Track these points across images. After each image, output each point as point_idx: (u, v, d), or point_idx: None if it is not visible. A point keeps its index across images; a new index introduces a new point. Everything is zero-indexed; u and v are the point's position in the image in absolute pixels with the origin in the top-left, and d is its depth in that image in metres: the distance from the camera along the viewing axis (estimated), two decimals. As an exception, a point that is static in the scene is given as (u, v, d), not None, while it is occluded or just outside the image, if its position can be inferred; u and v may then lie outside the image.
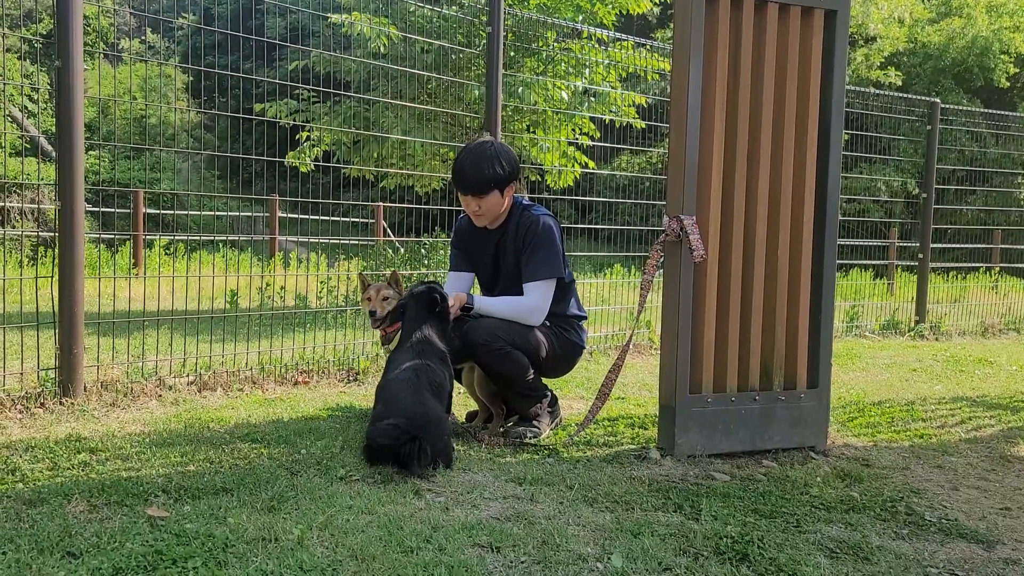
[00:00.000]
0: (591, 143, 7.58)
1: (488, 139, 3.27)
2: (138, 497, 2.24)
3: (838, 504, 2.54)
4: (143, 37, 25.39)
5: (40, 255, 8.64)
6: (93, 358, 3.67)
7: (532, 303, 3.15)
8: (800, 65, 3.13)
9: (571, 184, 7.84)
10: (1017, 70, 21.80)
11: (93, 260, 7.73)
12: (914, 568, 2.06)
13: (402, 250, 6.50)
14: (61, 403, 3.31)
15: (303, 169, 7.26)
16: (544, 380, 3.32)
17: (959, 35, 21.41)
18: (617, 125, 7.37)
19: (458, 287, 3.36)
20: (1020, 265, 9.67)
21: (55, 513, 2.10)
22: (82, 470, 2.50)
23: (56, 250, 3.40)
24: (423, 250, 6.22)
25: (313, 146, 8.38)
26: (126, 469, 2.52)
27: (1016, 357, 6.19)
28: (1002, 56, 21.17)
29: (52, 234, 3.44)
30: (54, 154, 3.42)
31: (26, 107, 16.05)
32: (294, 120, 8.53)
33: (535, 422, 3.22)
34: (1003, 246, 10.05)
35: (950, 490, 2.79)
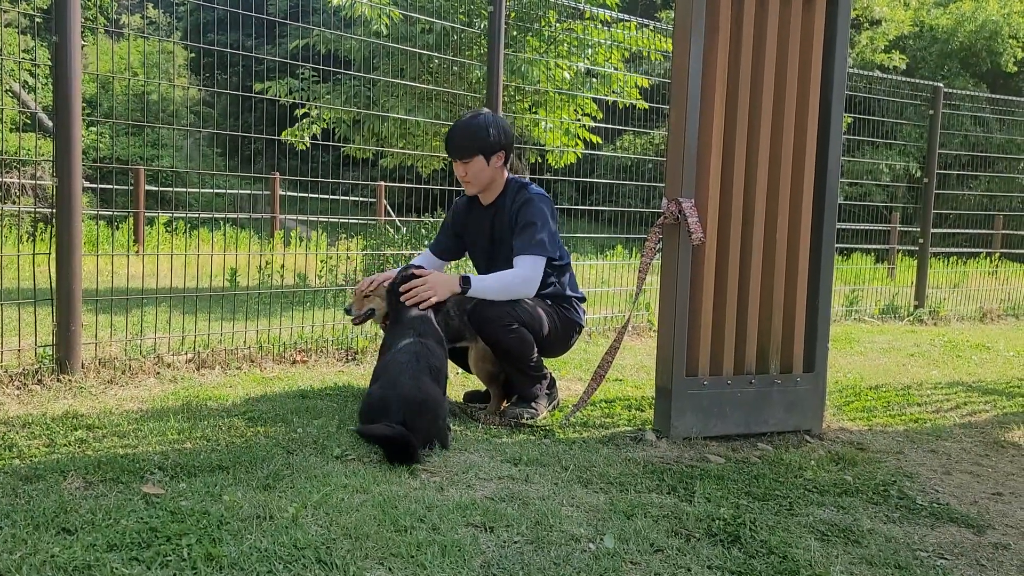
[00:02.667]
0: (594, 124, 7.54)
1: (482, 110, 3.29)
2: (134, 474, 2.25)
3: (831, 487, 2.55)
4: (144, 12, 25.20)
5: (40, 232, 8.63)
6: (91, 335, 3.68)
7: (524, 274, 3.13)
8: (801, 48, 3.10)
9: (572, 163, 7.81)
10: (1024, 55, 21.64)
11: (93, 237, 7.74)
12: (903, 551, 2.07)
13: (404, 230, 6.49)
14: (59, 380, 3.32)
15: (299, 147, 7.23)
16: (544, 360, 3.34)
17: (969, 19, 21.22)
18: (620, 106, 7.34)
19: (427, 265, 3.42)
20: (1021, 251, 9.65)
21: (51, 489, 2.11)
22: (79, 447, 2.51)
23: (54, 226, 3.39)
24: (423, 230, 6.21)
25: (312, 123, 8.34)
26: (122, 446, 2.53)
27: (1014, 343, 6.20)
28: (1011, 41, 21.00)
29: (51, 210, 3.43)
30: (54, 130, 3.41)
31: (27, 82, 15.97)
32: (295, 99, 8.50)
33: (533, 403, 3.23)
34: (1004, 232, 10.02)
35: (943, 474, 2.80)
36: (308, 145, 7.36)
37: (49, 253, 3.40)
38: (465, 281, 3.08)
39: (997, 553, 2.12)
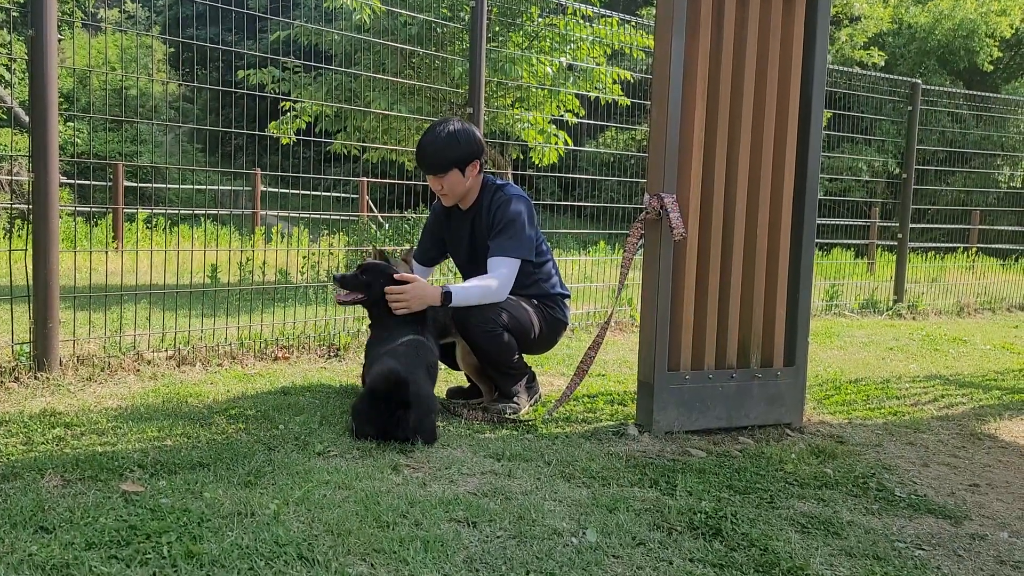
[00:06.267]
0: (576, 120, 7.56)
1: (449, 118, 3.26)
2: (113, 472, 2.23)
3: (811, 480, 2.57)
4: (122, 6, 24.88)
5: (16, 228, 8.52)
6: (70, 332, 3.64)
7: (497, 282, 3.11)
8: (782, 45, 3.12)
9: (555, 161, 7.81)
10: (1001, 54, 21.87)
11: (71, 233, 7.65)
12: (882, 543, 2.10)
13: (386, 226, 6.47)
14: (36, 377, 3.29)
15: (284, 141, 7.19)
16: (526, 356, 3.34)
17: (947, 17, 21.42)
18: (603, 102, 7.35)
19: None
20: (997, 245, 9.78)
21: (28, 488, 2.09)
22: (56, 445, 2.48)
23: (31, 223, 3.35)
24: (407, 226, 6.19)
25: (296, 117, 8.29)
26: (101, 444, 2.51)
27: (990, 336, 6.28)
28: (987, 39, 21.21)
29: (28, 206, 3.39)
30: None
31: (3, 77, 15.74)
32: (275, 91, 8.43)
33: (515, 399, 3.24)
34: (981, 227, 10.15)
35: (921, 467, 2.83)
36: (293, 139, 7.31)
37: (25, 249, 3.36)
38: (447, 297, 3.01)
39: (974, 544, 2.15)
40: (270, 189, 10.17)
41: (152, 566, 1.68)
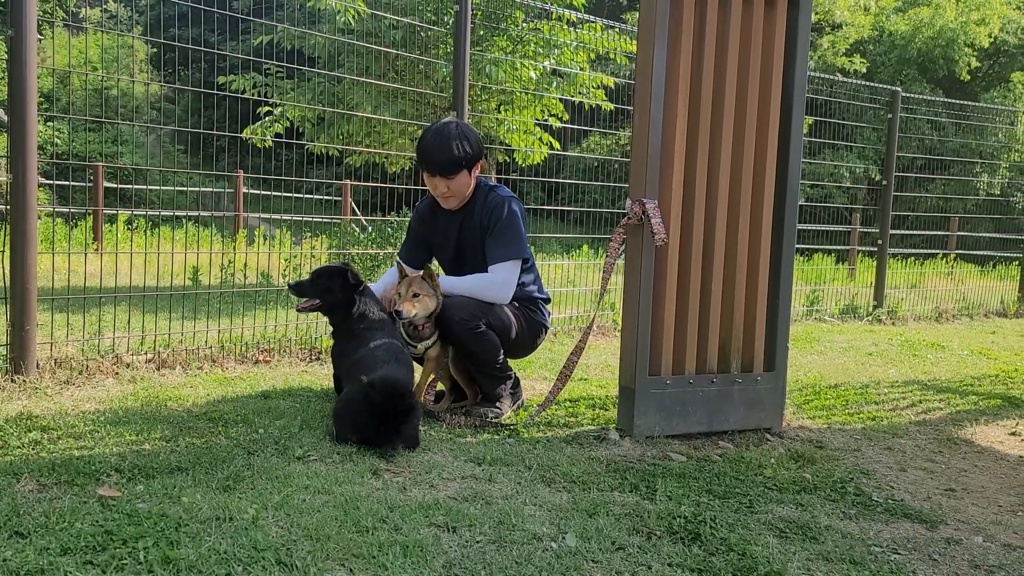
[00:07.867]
0: (560, 125, 7.57)
1: (451, 119, 3.26)
2: (90, 476, 2.21)
3: (790, 485, 2.59)
4: (104, 5, 24.68)
5: (-5, 228, 8.41)
6: (47, 335, 3.60)
7: (500, 278, 3.17)
8: (763, 52, 3.15)
9: (539, 163, 7.83)
10: (979, 63, 22.16)
11: (50, 234, 7.56)
12: (859, 547, 2.12)
13: (369, 229, 6.45)
14: (12, 380, 3.25)
15: (258, 145, 7.16)
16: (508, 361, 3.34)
17: (926, 25, 21.67)
18: (586, 107, 7.37)
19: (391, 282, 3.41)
20: (975, 252, 9.90)
21: (3, 492, 2.06)
22: (32, 449, 2.46)
23: (8, 224, 3.32)
24: (389, 229, 6.17)
25: (275, 121, 8.25)
26: (78, 448, 2.49)
27: (967, 342, 6.35)
28: (966, 49, 21.47)
29: (5, 207, 3.35)
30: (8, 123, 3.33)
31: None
32: (257, 94, 8.39)
33: (497, 403, 3.24)
34: (959, 233, 10.27)
35: (898, 471, 2.86)
36: (271, 144, 7.28)
37: (3, 251, 3.32)
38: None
39: (949, 548, 2.17)
40: (252, 191, 10.12)
41: (128, 572, 1.67)
